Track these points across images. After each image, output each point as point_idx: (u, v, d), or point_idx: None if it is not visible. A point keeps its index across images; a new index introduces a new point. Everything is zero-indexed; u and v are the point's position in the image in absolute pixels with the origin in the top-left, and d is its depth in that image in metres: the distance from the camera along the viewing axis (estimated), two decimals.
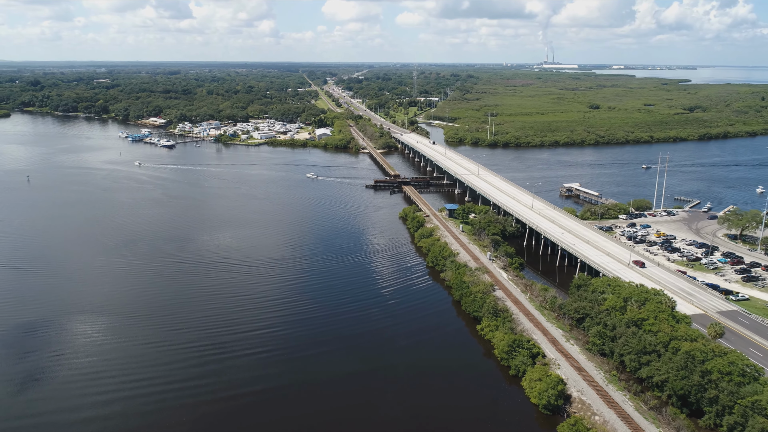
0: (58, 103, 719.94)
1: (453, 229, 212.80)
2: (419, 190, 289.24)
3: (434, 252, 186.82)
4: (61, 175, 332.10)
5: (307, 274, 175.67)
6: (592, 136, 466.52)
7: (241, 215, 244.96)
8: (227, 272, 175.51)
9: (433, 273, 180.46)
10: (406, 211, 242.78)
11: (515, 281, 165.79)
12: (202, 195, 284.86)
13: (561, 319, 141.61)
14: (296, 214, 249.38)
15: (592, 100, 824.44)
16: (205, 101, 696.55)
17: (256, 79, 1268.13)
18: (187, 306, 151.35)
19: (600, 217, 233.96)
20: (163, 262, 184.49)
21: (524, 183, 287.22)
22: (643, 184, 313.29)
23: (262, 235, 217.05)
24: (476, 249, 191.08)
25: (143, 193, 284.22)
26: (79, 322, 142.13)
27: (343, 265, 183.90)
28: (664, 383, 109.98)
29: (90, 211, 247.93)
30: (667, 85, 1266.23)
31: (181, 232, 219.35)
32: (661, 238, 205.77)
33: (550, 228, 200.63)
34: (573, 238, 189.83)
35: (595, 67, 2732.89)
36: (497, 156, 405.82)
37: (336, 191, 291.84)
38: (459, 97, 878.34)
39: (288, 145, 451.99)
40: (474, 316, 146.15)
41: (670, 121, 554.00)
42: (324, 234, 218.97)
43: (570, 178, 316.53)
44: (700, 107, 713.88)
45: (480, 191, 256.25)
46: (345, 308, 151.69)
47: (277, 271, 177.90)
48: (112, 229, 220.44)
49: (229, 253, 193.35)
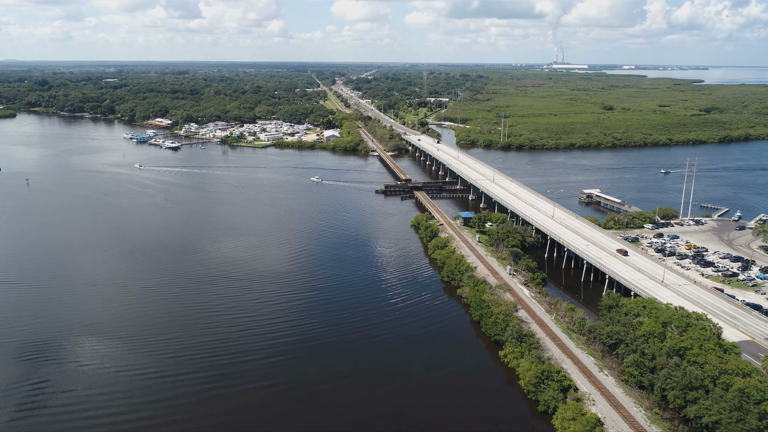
0: (65, 103, 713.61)
1: (469, 240, 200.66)
2: (431, 195, 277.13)
3: (450, 265, 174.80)
4: (61, 178, 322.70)
5: (315, 291, 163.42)
6: (609, 139, 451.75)
7: (246, 223, 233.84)
8: (230, 288, 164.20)
9: (449, 288, 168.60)
10: (419, 219, 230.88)
11: (538, 299, 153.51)
12: (206, 200, 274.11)
13: (591, 344, 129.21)
14: (303, 221, 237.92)
15: (605, 100, 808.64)
16: (213, 102, 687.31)
17: (264, 79, 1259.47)
18: (186, 328, 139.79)
19: (624, 227, 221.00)
20: (161, 277, 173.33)
21: (542, 188, 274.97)
22: (666, 189, 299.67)
23: (267, 245, 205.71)
24: (494, 262, 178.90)
25: (145, 198, 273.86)
26: (66, 346, 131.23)
27: (353, 280, 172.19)
28: (715, 425, 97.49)
29: (87, 219, 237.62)
30: (681, 85, 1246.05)
31: (181, 241, 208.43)
32: (692, 250, 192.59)
33: (574, 240, 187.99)
34: (599, 251, 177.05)
35: (605, 68, 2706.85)
36: (511, 159, 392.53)
37: (345, 197, 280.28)
38: (469, 97, 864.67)
39: (295, 147, 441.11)
40: (496, 339, 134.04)
41: (688, 122, 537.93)
42: (332, 244, 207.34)
43: (589, 184, 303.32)
44: (717, 108, 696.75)
45: (496, 198, 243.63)
46: (356, 332, 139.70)
47: (283, 287, 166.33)
48: (109, 239, 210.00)
49: (232, 266, 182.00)
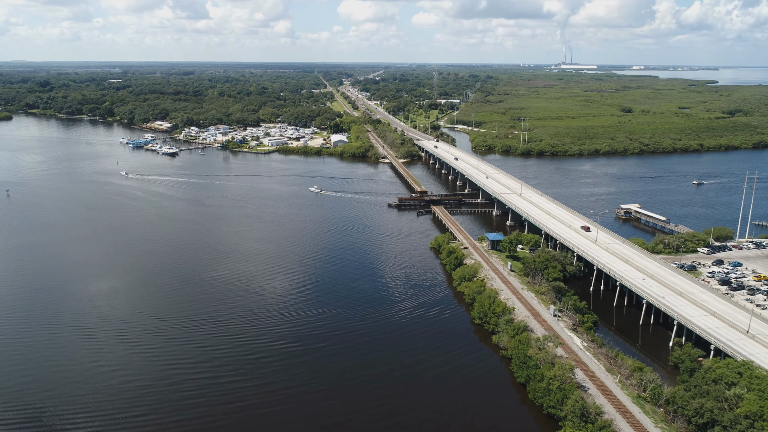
0: (63, 105, 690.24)
1: (500, 268, 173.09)
2: (451, 210, 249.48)
3: (481, 304, 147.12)
4: (46, 189, 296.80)
5: (322, 342, 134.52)
6: (636, 144, 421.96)
7: (243, 245, 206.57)
8: (219, 338, 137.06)
9: (481, 332, 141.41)
10: (439, 240, 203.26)
11: (594, 351, 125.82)
12: (202, 216, 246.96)
13: (673, 420, 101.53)
14: (308, 243, 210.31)
15: (621, 102, 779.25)
16: (215, 104, 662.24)
17: (270, 79, 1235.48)
18: (167, 403, 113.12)
19: (675, 251, 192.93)
20: (140, 324, 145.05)
21: (573, 202, 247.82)
22: (710, 203, 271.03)
23: (266, 274, 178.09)
24: (533, 298, 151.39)
25: (134, 213, 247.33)
26: (18, 421, 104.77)
27: (368, 326, 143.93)
28: None
29: (64, 239, 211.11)
30: (695, 86, 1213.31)
31: (170, 271, 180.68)
32: (763, 282, 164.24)
33: (626, 272, 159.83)
34: (660, 288, 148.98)
35: (614, 68, 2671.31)
36: (533, 167, 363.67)
37: (354, 211, 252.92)
38: (481, 99, 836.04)
39: (301, 153, 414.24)
40: (549, 412, 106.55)
41: (716, 126, 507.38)
42: (341, 273, 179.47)
43: (623, 197, 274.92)
44: (741, 111, 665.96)
45: (527, 217, 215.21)
46: (367, 409, 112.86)
47: (283, 335, 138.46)
48: (86, 268, 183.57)
49: (224, 305, 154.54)
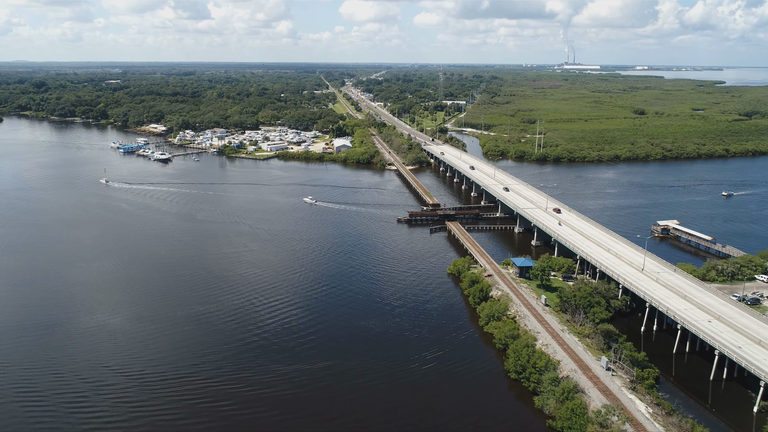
0: (55, 107, 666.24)
1: (532, 303, 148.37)
2: (468, 227, 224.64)
3: (518, 354, 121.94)
4: (24, 201, 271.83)
5: (320, 407, 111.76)
6: (658, 150, 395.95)
7: (236, 270, 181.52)
8: (203, 401, 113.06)
9: (517, 388, 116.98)
10: (458, 265, 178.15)
11: (662, 420, 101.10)
12: (191, 234, 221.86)
13: None
14: (307, 267, 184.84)
15: (632, 103, 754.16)
16: (213, 106, 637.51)
17: (271, 80, 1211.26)
18: None
19: (730, 278, 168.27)
20: (104, 379, 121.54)
21: (602, 218, 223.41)
22: (755, 218, 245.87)
23: (259, 309, 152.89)
24: (577, 343, 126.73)
25: (116, 231, 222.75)
26: None
27: (379, 383, 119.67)
28: None
29: (30, 264, 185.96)
30: (704, 86, 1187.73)
31: (148, 305, 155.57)
32: None
33: (686, 310, 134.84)
34: (732, 333, 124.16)
35: (617, 68, 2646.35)
36: (551, 174, 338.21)
37: (361, 227, 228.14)
38: (487, 100, 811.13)
39: (302, 159, 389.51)
40: None
41: (739, 130, 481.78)
42: (345, 309, 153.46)
43: (657, 211, 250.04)
44: (758, 113, 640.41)
45: (557, 238, 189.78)
46: None
47: (278, 398, 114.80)
48: (53, 299, 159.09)
49: (209, 353, 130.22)
